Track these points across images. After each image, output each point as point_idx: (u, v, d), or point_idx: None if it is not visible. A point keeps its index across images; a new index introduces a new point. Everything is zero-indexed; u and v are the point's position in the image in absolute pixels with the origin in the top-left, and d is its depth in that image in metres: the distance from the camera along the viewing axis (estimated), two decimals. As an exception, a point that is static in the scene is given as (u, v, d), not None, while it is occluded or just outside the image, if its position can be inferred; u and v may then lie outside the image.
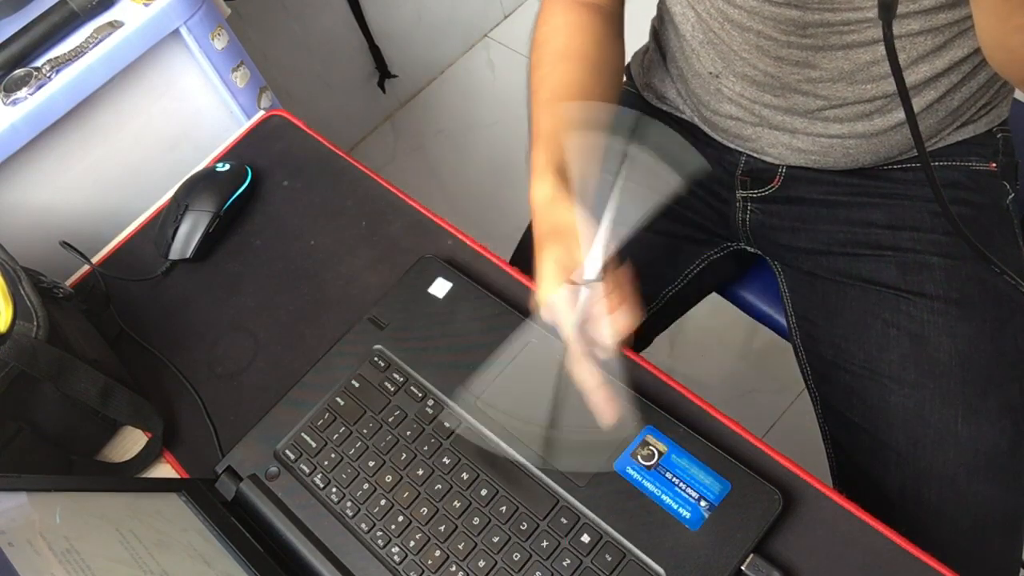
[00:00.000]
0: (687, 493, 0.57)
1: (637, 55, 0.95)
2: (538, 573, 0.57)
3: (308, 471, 0.65)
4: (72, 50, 0.85)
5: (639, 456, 0.59)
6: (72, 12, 0.85)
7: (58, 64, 0.84)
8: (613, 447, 0.60)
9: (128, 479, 0.69)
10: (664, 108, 0.89)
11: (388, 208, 0.80)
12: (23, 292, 0.65)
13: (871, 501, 0.71)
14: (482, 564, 0.58)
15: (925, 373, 0.71)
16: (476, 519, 0.60)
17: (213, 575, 0.56)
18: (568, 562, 0.57)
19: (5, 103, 0.82)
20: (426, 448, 0.64)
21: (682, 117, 0.88)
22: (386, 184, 0.82)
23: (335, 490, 0.64)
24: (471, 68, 2.02)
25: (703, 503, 0.57)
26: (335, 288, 0.77)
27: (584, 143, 0.64)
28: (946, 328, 0.71)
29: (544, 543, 0.58)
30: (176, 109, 0.97)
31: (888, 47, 0.52)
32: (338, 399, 0.68)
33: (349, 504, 0.63)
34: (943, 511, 0.68)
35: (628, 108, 0.92)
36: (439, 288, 0.71)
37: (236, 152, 0.89)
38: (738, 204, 0.84)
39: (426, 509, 0.61)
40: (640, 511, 0.57)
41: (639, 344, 0.92)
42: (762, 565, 0.54)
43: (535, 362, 0.65)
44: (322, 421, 0.67)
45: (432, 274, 0.72)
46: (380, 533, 0.61)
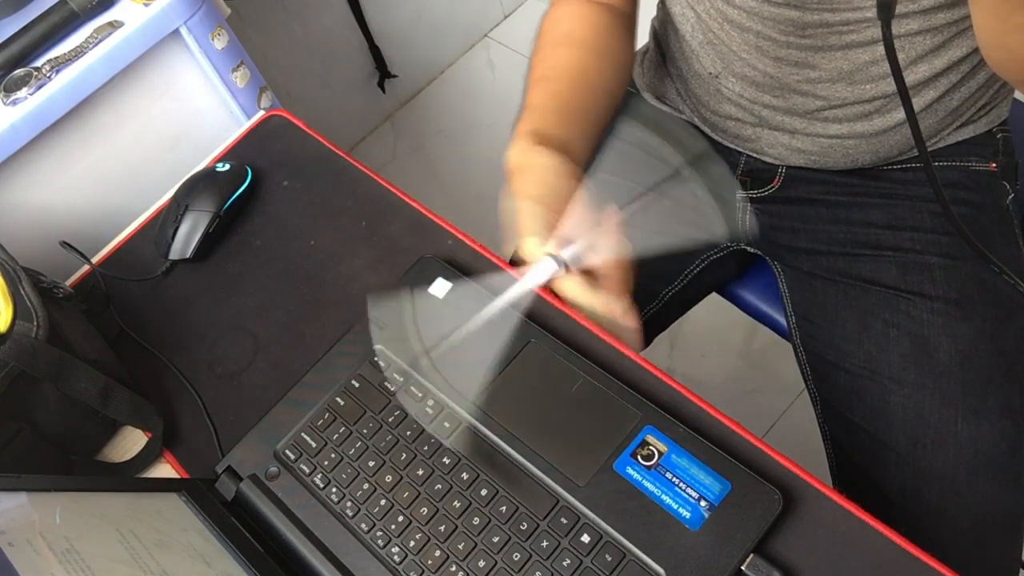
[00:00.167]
0: (687, 493, 0.57)
1: (637, 55, 0.95)
2: (538, 573, 0.57)
3: (308, 471, 0.65)
4: (72, 50, 0.85)
5: (639, 456, 0.59)
6: (72, 12, 0.85)
7: (58, 64, 0.84)
8: (612, 444, 0.60)
9: (128, 479, 0.69)
10: (664, 108, 0.89)
11: (388, 208, 0.80)
12: (23, 292, 0.65)
13: (871, 501, 0.71)
14: (482, 564, 0.58)
15: (925, 373, 0.71)
16: (476, 519, 0.60)
17: (213, 575, 0.56)
18: (568, 562, 0.57)
19: (5, 103, 0.82)
20: (426, 448, 0.64)
21: (682, 117, 0.88)
22: (386, 184, 0.82)
23: (335, 490, 0.64)
24: (471, 68, 2.02)
25: (703, 503, 0.57)
26: (335, 288, 0.77)
27: (579, 120, 0.64)
28: (946, 328, 0.71)
29: (544, 543, 0.58)
30: (176, 109, 0.97)
31: (887, 47, 0.52)
32: (338, 399, 0.68)
33: (349, 504, 0.63)
34: (943, 511, 0.68)
35: (628, 108, 0.92)
36: (439, 288, 0.71)
37: (236, 152, 0.89)
38: (738, 204, 0.84)
39: (426, 509, 0.61)
40: (640, 511, 0.57)
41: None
42: (762, 565, 0.54)
43: (534, 361, 0.65)
44: (322, 421, 0.67)
45: (432, 274, 0.72)
46: (380, 533, 0.61)
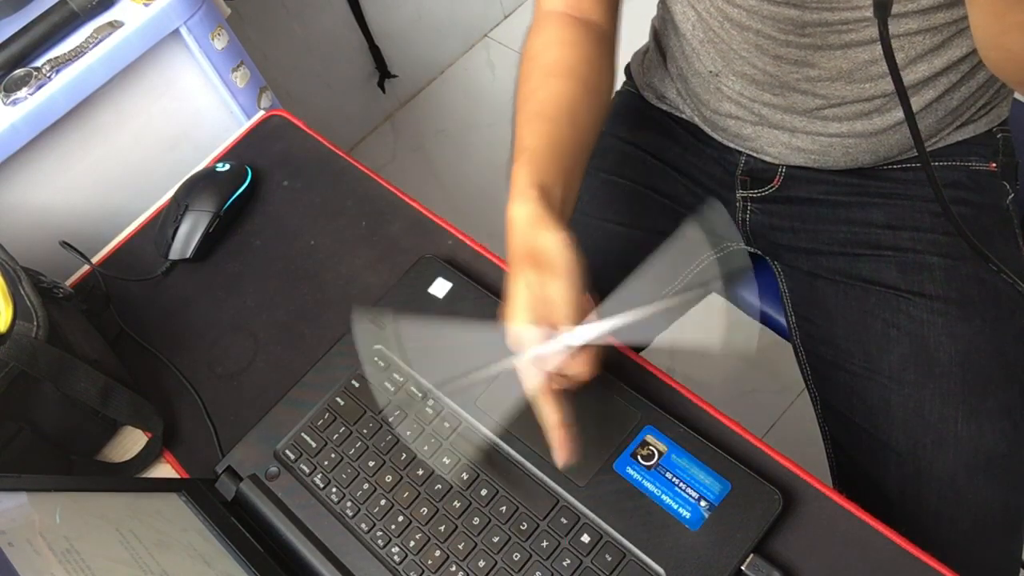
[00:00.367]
0: (687, 493, 0.57)
1: (637, 55, 0.95)
2: (538, 573, 0.57)
3: (308, 471, 0.65)
4: (72, 50, 0.85)
5: (639, 456, 0.59)
6: (72, 12, 0.85)
7: (58, 64, 0.84)
8: (612, 444, 0.60)
9: (128, 479, 0.69)
10: (664, 108, 0.89)
11: (388, 208, 0.80)
12: (23, 292, 0.65)
13: (871, 501, 0.71)
14: (482, 564, 0.58)
15: (925, 373, 0.71)
16: (476, 519, 0.60)
17: (213, 575, 0.56)
18: (568, 562, 0.57)
19: (5, 103, 0.82)
20: (426, 448, 0.64)
21: (682, 117, 0.88)
22: (386, 184, 0.82)
23: (335, 490, 0.64)
24: (471, 68, 2.02)
25: (703, 503, 0.57)
26: (335, 288, 0.77)
27: (572, 166, 0.63)
28: (946, 328, 0.71)
29: (544, 543, 0.58)
30: (176, 109, 0.97)
31: (884, 46, 0.52)
32: (338, 399, 0.68)
33: (349, 504, 0.63)
34: (943, 511, 0.68)
35: (628, 108, 0.92)
36: (439, 288, 0.71)
37: (236, 152, 0.89)
38: (738, 204, 0.84)
39: (426, 509, 0.61)
40: (640, 511, 0.57)
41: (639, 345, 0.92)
42: (762, 565, 0.54)
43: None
44: (322, 421, 0.67)
45: (432, 274, 0.72)
46: (380, 533, 0.61)
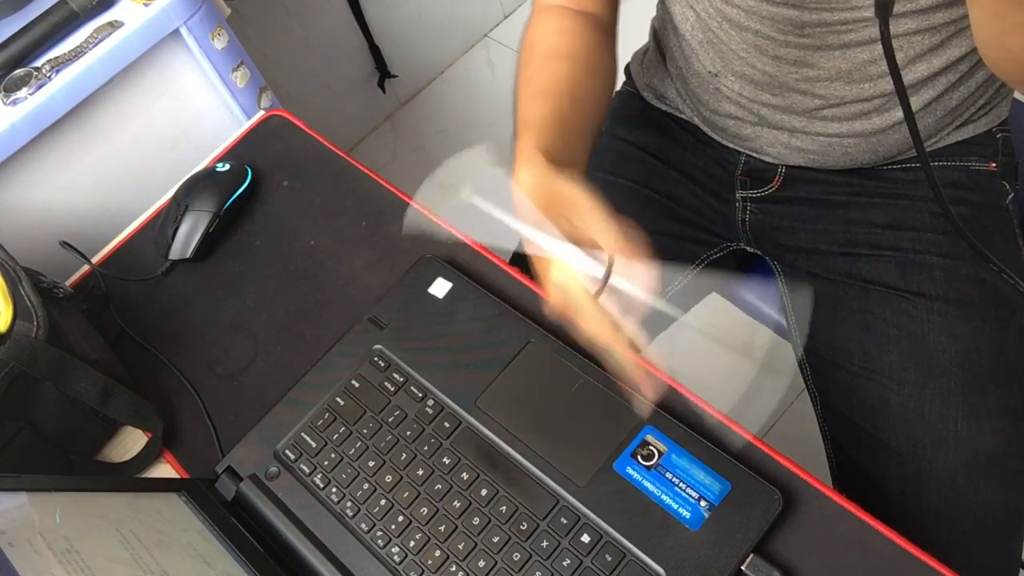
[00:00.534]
0: (687, 493, 0.57)
1: (637, 55, 0.95)
2: (538, 573, 0.57)
3: (308, 471, 0.65)
4: (72, 50, 0.85)
5: (639, 456, 0.59)
6: (72, 12, 0.85)
7: (58, 64, 0.84)
8: (612, 444, 0.60)
9: (128, 479, 0.69)
10: (664, 108, 0.89)
11: (388, 208, 0.80)
12: (23, 292, 0.65)
13: (871, 501, 0.71)
14: (482, 564, 0.58)
15: (925, 373, 0.71)
16: (476, 519, 0.60)
17: (213, 575, 0.56)
18: (568, 562, 0.57)
19: (5, 103, 0.82)
20: (426, 448, 0.64)
21: (682, 117, 0.88)
22: (386, 184, 0.82)
23: (335, 490, 0.64)
24: (471, 68, 2.02)
25: (703, 503, 0.57)
26: (335, 288, 0.77)
27: (575, 141, 0.63)
28: (946, 328, 0.71)
29: (544, 543, 0.58)
30: (176, 109, 0.97)
31: (885, 46, 0.52)
32: (338, 399, 0.68)
33: (349, 504, 0.63)
34: (943, 511, 0.68)
35: (628, 108, 0.92)
36: (439, 288, 0.71)
37: (236, 152, 0.89)
38: (738, 204, 0.84)
39: (426, 509, 0.61)
40: (640, 511, 0.57)
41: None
42: (762, 565, 0.54)
43: (534, 361, 0.65)
44: (322, 421, 0.67)
45: (432, 274, 0.72)
46: (380, 533, 0.61)
